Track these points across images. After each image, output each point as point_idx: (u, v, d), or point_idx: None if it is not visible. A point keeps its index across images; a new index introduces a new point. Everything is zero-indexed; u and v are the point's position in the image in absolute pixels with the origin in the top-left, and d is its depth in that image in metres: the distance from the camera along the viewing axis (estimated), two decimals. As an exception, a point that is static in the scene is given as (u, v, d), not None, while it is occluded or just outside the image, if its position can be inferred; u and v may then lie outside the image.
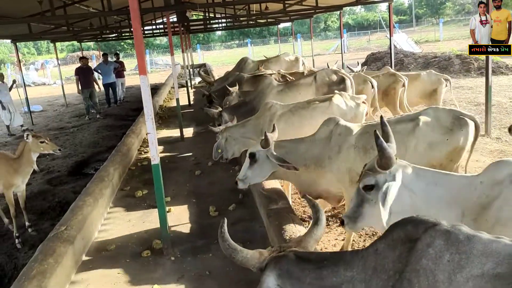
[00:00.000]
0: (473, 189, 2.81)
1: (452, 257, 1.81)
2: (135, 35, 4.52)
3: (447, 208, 2.81)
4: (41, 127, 14.94)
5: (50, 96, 25.06)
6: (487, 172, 2.86)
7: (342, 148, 4.44)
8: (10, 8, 10.57)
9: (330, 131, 4.61)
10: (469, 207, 2.78)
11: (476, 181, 2.82)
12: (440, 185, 2.85)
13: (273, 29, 53.73)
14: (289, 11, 15.28)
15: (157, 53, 55.56)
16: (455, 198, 2.82)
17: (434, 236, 1.88)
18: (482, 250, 1.79)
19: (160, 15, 20.22)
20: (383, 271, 1.96)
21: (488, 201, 2.72)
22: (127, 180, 7.82)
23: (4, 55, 58.49)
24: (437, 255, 1.83)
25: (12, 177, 5.87)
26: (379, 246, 2.04)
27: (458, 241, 1.84)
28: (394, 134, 3.21)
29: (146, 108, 4.57)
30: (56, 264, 4.12)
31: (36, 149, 5.91)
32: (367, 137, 4.30)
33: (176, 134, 11.10)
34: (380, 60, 21.15)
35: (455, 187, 2.85)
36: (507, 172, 2.75)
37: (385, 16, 54.45)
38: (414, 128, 4.32)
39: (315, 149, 4.62)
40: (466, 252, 1.80)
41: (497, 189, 2.73)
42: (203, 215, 5.97)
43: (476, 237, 1.84)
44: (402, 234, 1.98)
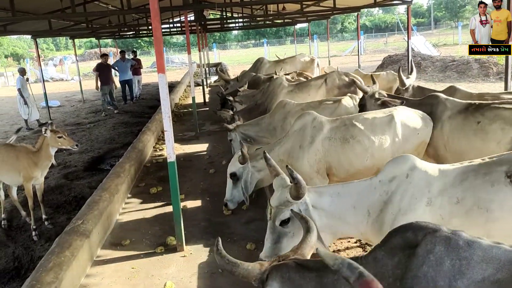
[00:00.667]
0: (373, 189, 3.05)
1: (452, 263, 1.81)
2: (154, 34, 4.58)
3: (353, 212, 3.06)
4: (59, 122, 15.17)
5: (67, 91, 25.44)
6: (384, 171, 3.11)
7: (315, 139, 4.74)
8: (32, 5, 10.77)
9: (304, 123, 4.91)
10: (372, 206, 3.02)
11: (375, 181, 3.08)
12: (342, 194, 3.11)
13: (289, 29, 53.64)
14: (306, 11, 15.27)
15: (173, 51, 55.92)
16: (358, 201, 3.06)
17: (434, 242, 1.88)
18: (482, 256, 1.79)
19: (177, 13, 20.37)
20: (382, 279, 1.92)
21: (389, 196, 2.98)
22: (142, 177, 7.91)
23: (23, 50, 59.52)
24: (438, 261, 1.83)
25: (32, 169, 6.02)
26: (378, 254, 2.04)
27: (458, 247, 1.84)
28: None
29: (164, 106, 4.63)
30: (72, 257, 4.20)
31: (54, 143, 6.02)
32: (344, 129, 4.73)
33: (191, 132, 11.19)
34: (396, 62, 20.99)
35: (356, 192, 3.10)
36: (402, 167, 3.03)
37: (403, 18, 54.02)
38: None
39: (288, 142, 4.92)
40: (466, 258, 1.80)
41: (394, 183, 3.00)
42: (217, 213, 6.01)
43: (476, 243, 1.84)
44: (401, 241, 1.99)
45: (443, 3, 65.70)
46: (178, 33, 24.51)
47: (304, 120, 4.97)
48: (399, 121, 4.70)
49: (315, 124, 4.88)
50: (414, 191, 2.94)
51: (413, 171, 3.00)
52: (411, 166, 3.03)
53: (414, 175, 2.99)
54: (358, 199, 3.06)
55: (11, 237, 6.21)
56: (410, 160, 3.07)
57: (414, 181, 2.97)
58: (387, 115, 4.78)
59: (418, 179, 2.97)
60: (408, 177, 2.99)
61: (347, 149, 4.68)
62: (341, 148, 4.71)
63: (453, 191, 2.88)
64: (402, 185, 2.98)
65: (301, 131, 4.93)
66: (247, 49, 57.89)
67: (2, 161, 6.10)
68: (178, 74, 30.53)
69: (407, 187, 2.96)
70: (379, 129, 4.69)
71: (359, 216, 3.03)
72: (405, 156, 3.15)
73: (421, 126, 4.76)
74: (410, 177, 2.99)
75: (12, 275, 5.32)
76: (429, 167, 3.05)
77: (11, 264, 5.54)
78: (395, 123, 4.68)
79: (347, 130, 4.75)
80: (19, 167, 6.04)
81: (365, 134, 4.67)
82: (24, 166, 6.01)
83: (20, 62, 49.65)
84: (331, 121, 4.94)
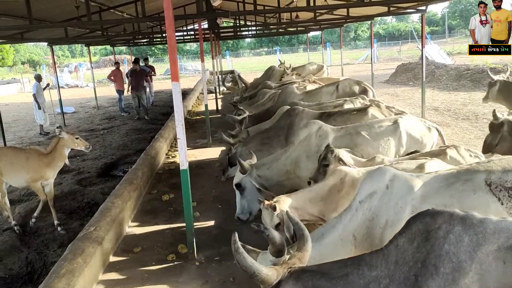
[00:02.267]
0: (354, 211, 3.04)
1: (470, 238, 2.04)
2: (169, 43, 4.62)
3: (341, 244, 3.02)
4: (73, 128, 15.31)
5: (82, 98, 25.73)
6: (361, 190, 3.10)
7: (321, 148, 4.70)
8: (49, 13, 10.94)
9: (309, 132, 4.95)
10: (357, 228, 3.01)
11: (355, 205, 3.07)
12: (326, 234, 3.07)
13: (302, 37, 53.74)
14: (320, 20, 15.27)
15: (187, 58, 56.35)
16: (343, 232, 3.04)
17: (452, 224, 2.11)
18: (494, 229, 2.06)
19: (191, 21, 20.53)
20: (404, 263, 2.13)
21: (373, 211, 2.97)
22: (154, 184, 7.94)
23: (39, 57, 60.50)
24: (457, 239, 2.06)
25: (44, 170, 6.26)
26: (399, 241, 2.19)
27: (473, 224, 2.08)
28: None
29: (177, 114, 4.65)
30: (84, 264, 4.21)
31: (71, 144, 6.29)
32: (349, 137, 4.82)
33: (203, 140, 11.22)
34: (411, 71, 20.86)
35: (340, 224, 3.07)
36: (380, 180, 3.03)
37: (417, 27, 53.77)
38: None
39: (295, 152, 4.93)
40: (482, 232, 2.05)
41: (376, 198, 2.99)
42: (228, 221, 5.99)
43: (487, 219, 2.10)
44: (421, 227, 2.16)
45: (457, 11, 65.28)
46: (192, 40, 24.68)
47: (309, 130, 5.03)
48: (404, 129, 4.74)
49: (320, 133, 4.94)
50: (397, 200, 2.94)
51: (393, 181, 3.00)
52: (390, 177, 3.03)
53: (395, 185, 2.99)
54: (343, 230, 3.04)
55: (24, 242, 6.26)
56: (388, 171, 3.07)
57: (395, 190, 2.97)
58: (392, 123, 4.82)
59: (399, 188, 2.97)
60: (388, 188, 2.99)
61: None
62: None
63: (439, 198, 2.91)
64: (384, 197, 2.97)
65: (307, 141, 4.97)
66: (260, 57, 58.11)
67: (11, 163, 6.29)
68: (191, 81, 30.71)
69: (390, 197, 2.96)
70: (384, 138, 4.73)
71: (347, 245, 3.02)
72: (381, 168, 3.15)
73: (426, 135, 4.79)
74: (390, 188, 2.99)
75: (25, 280, 5.35)
76: (408, 176, 3.06)
77: (24, 269, 5.58)
78: (400, 132, 4.72)
79: (351, 138, 4.82)
80: (29, 169, 6.24)
81: (369, 143, 4.67)
82: (35, 167, 6.23)
83: (36, 69, 50.44)
84: (336, 130, 4.99)
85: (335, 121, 5.83)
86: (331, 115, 6.00)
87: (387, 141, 4.74)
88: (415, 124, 4.87)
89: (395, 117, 5.06)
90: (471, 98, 15.02)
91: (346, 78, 9.21)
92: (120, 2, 11.87)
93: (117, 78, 17.43)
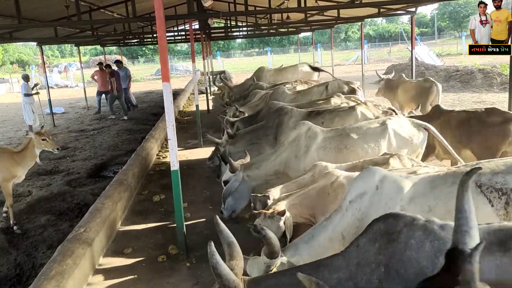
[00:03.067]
0: (344, 211, 3.04)
1: (432, 244, 2.03)
2: (159, 43, 4.60)
3: (330, 244, 3.01)
4: (62, 129, 15.22)
5: (72, 98, 25.52)
6: (351, 191, 3.11)
7: (310, 148, 4.84)
8: (38, 12, 10.83)
9: (298, 133, 5.00)
10: (346, 228, 3.01)
11: (345, 204, 3.07)
12: (316, 235, 3.06)
13: (293, 38, 53.82)
14: (310, 21, 15.31)
15: (178, 58, 56.15)
16: (333, 231, 3.04)
17: (414, 229, 2.09)
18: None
19: (182, 21, 20.47)
20: (366, 265, 2.11)
21: (362, 211, 2.98)
22: (145, 185, 7.90)
23: (28, 57, 59.86)
24: (418, 245, 2.04)
25: (14, 169, 6.44)
26: (360, 242, 2.18)
27: (433, 230, 2.07)
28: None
29: (168, 115, 4.63)
30: (74, 266, 4.18)
31: (38, 145, 6.54)
32: (339, 138, 4.86)
33: (194, 140, 11.18)
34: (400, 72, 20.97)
35: (330, 224, 3.07)
36: (370, 180, 3.04)
37: (407, 28, 54.03)
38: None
39: (284, 153, 4.97)
40: (443, 238, 2.03)
41: (366, 198, 3.00)
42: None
43: (447, 225, 2.10)
44: (382, 227, 2.15)
45: (446, 13, 65.75)
46: (183, 41, 24.62)
47: (299, 130, 5.07)
48: (392, 130, 4.78)
49: (309, 134, 4.98)
50: (386, 201, 2.95)
51: (383, 182, 3.02)
52: (380, 177, 3.04)
53: (384, 185, 3.00)
54: (332, 231, 3.05)
55: (13, 244, 6.19)
56: (377, 172, 3.08)
57: (385, 191, 2.99)
58: (380, 124, 4.88)
59: (388, 189, 2.99)
60: (378, 189, 3.01)
61: (341, 158, 4.75)
62: (336, 157, 4.79)
63: (424, 199, 2.92)
64: (374, 197, 2.99)
65: (296, 141, 5.01)
66: (251, 57, 58.06)
67: None
68: (182, 81, 30.61)
69: (379, 198, 2.97)
70: (373, 139, 4.78)
71: (335, 244, 3.01)
72: (371, 169, 3.15)
73: (415, 135, 4.84)
74: (380, 188, 3.00)
75: (14, 282, 5.30)
76: (397, 177, 3.07)
77: (12, 271, 5.52)
78: (389, 133, 4.77)
79: (341, 139, 4.87)
80: (1, 168, 6.36)
81: (359, 144, 4.73)
82: (6, 166, 6.37)
83: (25, 69, 49.92)
84: (326, 131, 5.04)
85: (323, 119, 5.90)
86: (319, 113, 6.04)
87: (377, 142, 4.78)
88: (404, 124, 4.91)
89: (384, 118, 5.10)
90: (460, 99, 15.15)
91: (336, 79, 9.53)
92: (110, 2, 11.79)
93: (100, 79, 17.03)
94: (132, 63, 55.44)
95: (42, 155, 11.16)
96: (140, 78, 38.15)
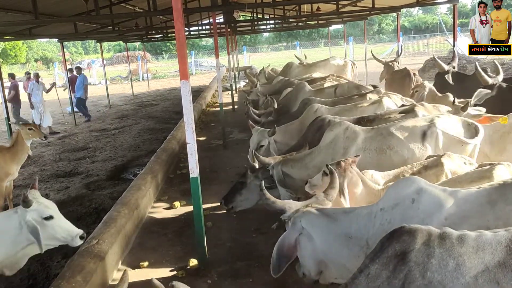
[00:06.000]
0: (373, 218, 2.83)
1: (456, 262, 1.87)
2: (177, 37, 4.33)
3: (349, 242, 2.84)
4: (84, 128, 15.29)
5: (94, 96, 25.74)
6: (385, 197, 2.89)
7: (348, 150, 4.59)
8: (56, 7, 10.82)
9: (335, 135, 4.78)
10: (372, 237, 2.75)
11: (376, 209, 2.85)
12: (340, 220, 2.91)
13: (323, 31, 53.12)
14: (342, 12, 14.89)
15: (202, 54, 56.31)
16: (356, 231, 2.85)
17: (432, 245, 1.93)
18: (476, 247, 1.92)
19: (206, 15, 20.32)
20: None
21: (391, 225, 2.65)
22: (165, 189, 7.69)
23: (53, 54, 61.28)
24: (441, 264, 1.88)
25: (8, 166, 6.44)
26: (371, 270, 1.99)
27: (453, 244, 1.92)
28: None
29: (186, 116, 4.37)
30: (84, 283, 3.96)
31: (26, 136, 6.71)
32: (381, 138, 4.55)
33: (218, 141, 10.95)
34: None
35: (355, 220, 2.89)
36: (405, 191, 2.77)
37: (445, 19, 52.56)
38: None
39: (319, 156, 4.75)
40: (466, 253, 1.89)
41: (398, 211, 2.74)
42: (244, 233, 5.68)
43: (465, 235, 1.98)
44: (398, 248, 1.98)
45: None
46: (207, 35, 24.49)
47: (336, 131, 4.81)
48: (441, 130, 4.46)
49: (347, 134, 4.73)
50: (424, 218, 2.61)
51: (420, 195, 2.70)
52: (417, 189, 2.74)
53: (422, 199, 2.68)
54: (356, 229, 2.84)
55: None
56: (415, 183, 2.78)
57: (423, 206, 2.67)
58: (428, 123, 4.55)
59: (427, 204, 2.66)
60: (414, 203, 2.70)
61: (384, 161, 4.47)
62: (377, 159, 4.52)
63: (481, 219, 2.55)
64: (408, 211, 2.69)
65: (333, 143, 4.78)
66: (279, 52, 57.66)
67: None
68: (207, 78, 30.57)
69: (416, 213, 2.66)
70: (420, 138, 4.47)
71: (355, 248, 2.80)
72: (410, 178, 2.90)
73: (465, 135, 4.50)
74: (417, 202, 2.69)
75: (27, 294, 5.16)
76: (438, 190, 2.75)
77: (25, 281, 5.39)
78: (437, 132, 4.45)
79: (384, 139, 4.56)
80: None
81: (404, 144, 4.41)
82: (0, 164, 6.36)
83: (49, 66, 51.05)
84: (366, 131, 4.76)
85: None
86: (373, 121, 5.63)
87: (424, 143, 4.44)
88: (453, 124, 4.52)
89: (432, 116, 4.76)
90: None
91: (348, 81, 9.56)
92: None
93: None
94: (156, 59, 55.91)
95: (62, 156, 11.26)
96: (164, 75, 38.37)
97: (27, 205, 3.77)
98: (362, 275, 2.01)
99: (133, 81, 26.56)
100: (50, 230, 3.85)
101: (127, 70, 33.70)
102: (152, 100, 21.83)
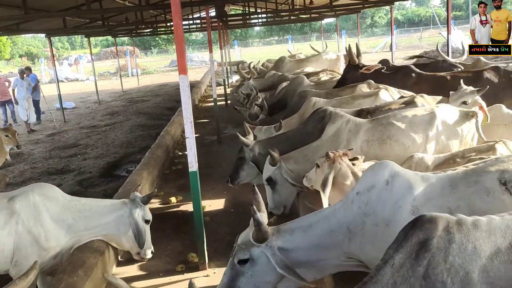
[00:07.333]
0: (350, 203, 2.96)
1: (473, 245, 2.01)
2: (175, 32, 4.41)
3: (332, 236, 2.92)
4: (73, 124, 15.29)
5: (82, 92, 25.71)
6: (360, 181, 3.06)
7: (351, 143, 4.69)
8: (45, 2, 10.79)
9: (337, 128, 4.86)
10: (352, 221, 2.91)
11: (351, 195, 2.99)
12: (315, 224, 2.97)
13: (315, 24, 53.20)
14: (336, 5, 15.01)
15: (193, 49, 56.18)
16: (336, 223, 2.94)
17: (452, 232, 2.05)
18: (488, 230, 2.07)
19: (197, 9, 20.32)
20: (403, 282, 2.03)
21: (369, 206, 2.88)
22: (161, 185, 7.78)
23: (38, 50, 60.74)
24: (461, 248, 2.01)
25: None
26: (395, 260, 2.07)
27: (469, 229, 2.06)
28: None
29: (185, 111, 4.46)
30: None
31: (4, 141, 6.87)
32: (382, 128, 4.68)
33: (212, 136, 11.03)
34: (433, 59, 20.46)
35: (332, 215, 2.98)
36: (381, 174, 2.94)
37: (438, 11, 52.98)
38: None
39: (322, 149, 4.80)
40: (481, 237, 2.04)
41: (374, 192, 2.90)
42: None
43: (477, 220, 2.11)
44: (421, 236, 2.07)
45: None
46: (198, 30, 24.49)
47: (338, 124, 4.89)
48: (440, 119, 4.59)
49: (349, 127, 4.83)
50: (397, 199, 2.84)
51: (394, 178, 2.91)
52: (391, 172, 2.94)
53: (395, 182, 2.89)
54: (335, 222, 2.96)
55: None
56: (389, 167, 2.98)
57: (396, 188, 2.88)
58: (428, 112, 4.69)
59: (400, 186, 2.88)
60: (388, 185, 2.90)
61: (386, 151, 4.60)
62: (380, 150, 4.65)
63: (443, 200, 2.81)
64: (383, 193, 2.89)
65: (336, 136, 4.85)
66: (270, 46, 57.70)
67: None
68: (197, 73, 30.54)
69: (389, 194, 2.87)
70: (420, 128, 4.60)
71: (338, 237, 2.92)
72: (383, 162, 3.07)
73: (465, 124, 4.64)
74: (391, 184, 2.90)
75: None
76: (410, 174, 2.97)
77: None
78: (437, 122, 4.59)
79: (384, 130, 4.69)
80: None
81: (404, 133, 4.57)
82: None
83: (35, 62, 50.65)
84: (367, 122, 4.87)
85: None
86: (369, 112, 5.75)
87: (424, 132, 4.58)
88: (452, 113, 4.67)
89: (431, 106, 4.91)
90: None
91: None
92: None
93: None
94: (145, 54, 55.73)
95: (53, 153, 11.28)
96: (154, 70, 38.29)
97: (145, 203, 4.42)
98: (387, 265, 2.07)
99: (122, 77, 26.51)
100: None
101: (115, 66, 33.62)
102: (143, 96, 21.82)
